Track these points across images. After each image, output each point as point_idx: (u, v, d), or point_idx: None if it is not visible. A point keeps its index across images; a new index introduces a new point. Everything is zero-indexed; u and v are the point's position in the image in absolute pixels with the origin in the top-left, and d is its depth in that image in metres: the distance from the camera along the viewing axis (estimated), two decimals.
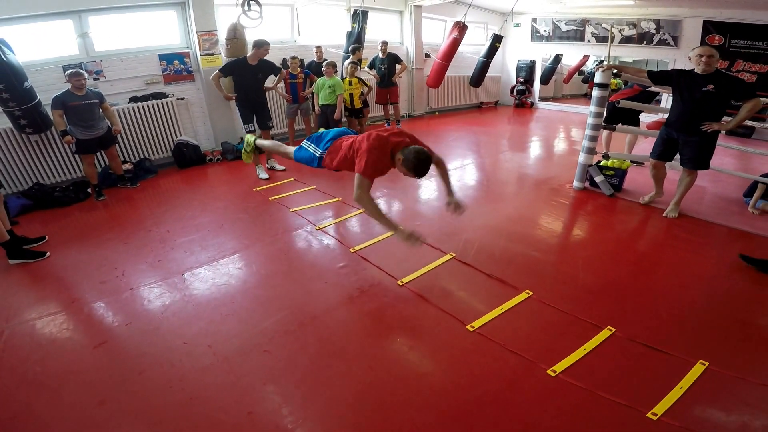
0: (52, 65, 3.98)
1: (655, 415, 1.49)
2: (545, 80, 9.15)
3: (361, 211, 3.28)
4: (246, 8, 3.94)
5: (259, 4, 3.96)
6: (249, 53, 3.95)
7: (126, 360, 1.81)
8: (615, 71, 3.43)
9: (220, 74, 3.93)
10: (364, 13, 5.49)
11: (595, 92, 3.42)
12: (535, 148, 5.73)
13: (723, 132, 2.98)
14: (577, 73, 9.85)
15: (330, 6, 5.94)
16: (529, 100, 8.86)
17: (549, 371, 1.69)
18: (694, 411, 1.53)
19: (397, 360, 1.82)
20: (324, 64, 4.75)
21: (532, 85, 8.83)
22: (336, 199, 3.57)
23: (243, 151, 3.21)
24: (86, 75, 3.66)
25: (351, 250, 2.69)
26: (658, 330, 1.96)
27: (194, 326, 2.00)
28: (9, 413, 1.57)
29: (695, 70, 2.87)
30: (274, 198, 3.63)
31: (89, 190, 3.91)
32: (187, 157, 4.70)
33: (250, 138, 3.18)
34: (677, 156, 3.19)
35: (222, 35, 4.69)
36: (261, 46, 3.88)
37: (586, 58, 8.95)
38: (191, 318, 2.06)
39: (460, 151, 5.38)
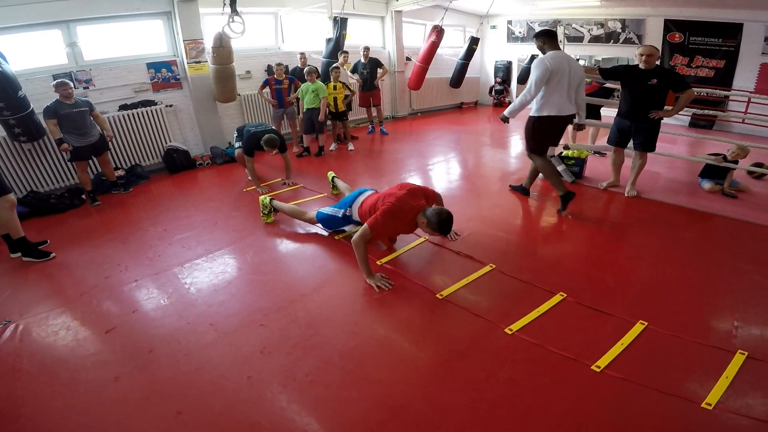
0: (42, 74, 4.11)
1: (599, 367, 1.72)
2: (522, 80, 9.50)
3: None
4: (230, 20, 4.18)
5: (240, 16, 4.20)
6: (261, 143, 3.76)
7: (136, 341, 2.02)
8: None
9: (249, 156, 3.90)
10: (343, 20, 5.74)
11: None
12: (510, 144, 6.06)
13: (664, 119, 3.40)
14: None
15: (313, 13, 6.17)
16: (507, 100, 9.22)
17: (506, 330, 1.96)
18: (633, 364, 1.73)
19: (377, 325, 2.07)
20: (305, 70, 4.99)
21: (509, 85, 9.20)
22: (322, 195, 3.82)
23: (261, 213, 3.24)
24: (73, 84, 3.80)
25: (335, 237, 2.94)
26: (604, 295, 2.24)
27: (196, 309, 2.22)
28: (31, 393, 1.75)
29: (639, 66, 3.24)
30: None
31: (84, 196, 4.05)
32: (178, 163, 4.87)
33: (265, 199, 3.19)
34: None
35: (208, 43, 4.88)
36: (273, 147, 3.76)
37: None
38: (193, 302, 2.28)
39: (441, 148, 5.66)
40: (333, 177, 3.76)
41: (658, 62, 3.27)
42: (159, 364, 1.86)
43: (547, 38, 3.09)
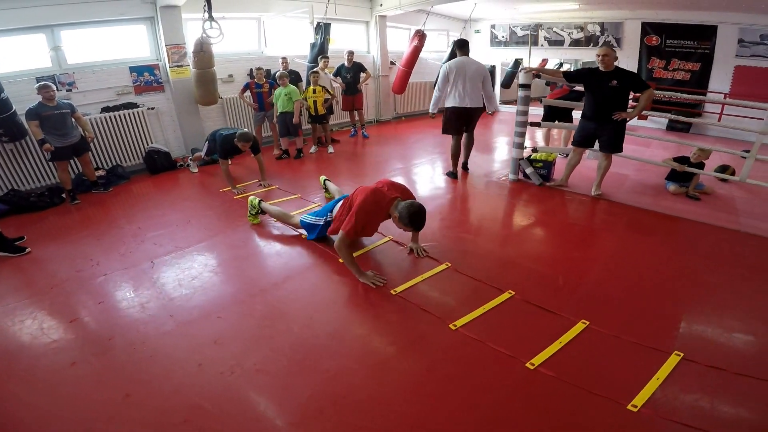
0: (26, 77, 4.19)
1: (533, 365, 1.75)
2: (506, 84, 9.65)
3: (315, 205, 3.64)
4: (207, 26, 4.29)
5: (217, 22, 4.32)
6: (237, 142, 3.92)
7: (97, 330, 2.12)
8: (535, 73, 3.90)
9: (224, 159, 4.05)
10: (327, 25, 5.86)
11: (520, 93, 3.87)
12: (488, 147, 6.16)
13: (635, 122, 3.50)
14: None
15: (296, 18, 6.28)
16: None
17: (451, 326, 2.04)
18: (567, 363, 1.76)
19: (330, 319, 2.16)
20: (276, 75, 5.10)
21: (493, 89, 9.30)
22: (295, 196, 3.92)
23: (249, 213, 3.27)
24: (55, 87, 3.89)
25: (302, 236, 3.04)
26: (551, 294, 2.29)
27: (159, 301, 2.31)
28: None
29: (600, 68, 3.34)
30: (238, 197, 3.94)
31: (64, 195, 4.12)
32: (159, 164, 4.95)
33: (254, 200, 3.21)
34: (596, 147, 3.67)
35: (190, 48, 4.98)
36: (247, 141, 3.94)
37: (545, 61, 9.50)
38: (157, 295, 2.37)
39: (421, 152, 5.76)
40: (324, 180, 3.76)
41: (632, 66, 3.41)
42: (116, 351, 1.95)
43: (456, 46, 4.08)
